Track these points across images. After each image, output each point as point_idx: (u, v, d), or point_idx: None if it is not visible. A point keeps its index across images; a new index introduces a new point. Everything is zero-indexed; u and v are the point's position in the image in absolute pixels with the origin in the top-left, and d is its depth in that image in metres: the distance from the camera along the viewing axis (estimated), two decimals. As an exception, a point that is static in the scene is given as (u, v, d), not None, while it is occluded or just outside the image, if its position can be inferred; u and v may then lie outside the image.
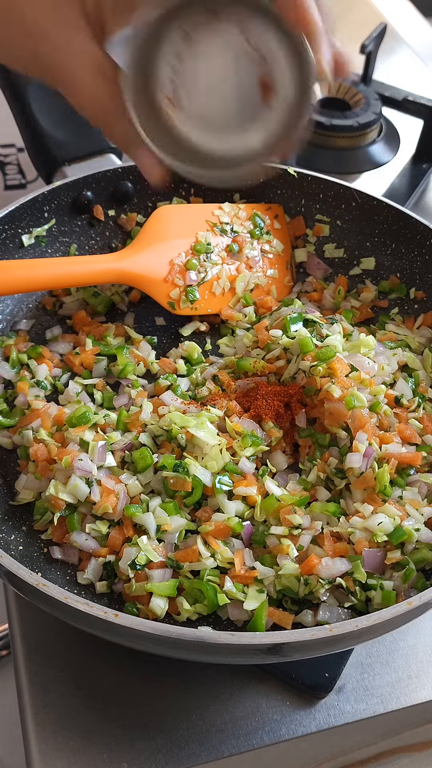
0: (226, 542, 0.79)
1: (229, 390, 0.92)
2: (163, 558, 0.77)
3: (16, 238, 1.01)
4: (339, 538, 0.80)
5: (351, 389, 0.86)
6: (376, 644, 0.84)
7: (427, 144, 1.36)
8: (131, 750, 0.74)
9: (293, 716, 0.77)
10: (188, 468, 0.80)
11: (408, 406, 0.91)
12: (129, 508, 0.79)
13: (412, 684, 0.81)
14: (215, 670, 0.79)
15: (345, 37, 1.04)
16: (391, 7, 1.90)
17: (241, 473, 0.83)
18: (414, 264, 1.07)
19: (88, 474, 0.80)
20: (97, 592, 0.78)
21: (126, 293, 1.08)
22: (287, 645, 0.63)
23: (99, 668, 0.79)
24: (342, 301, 1.08)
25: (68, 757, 0.74)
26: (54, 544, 0.81)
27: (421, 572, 0.78)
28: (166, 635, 0.61)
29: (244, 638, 0.62)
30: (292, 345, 0.92)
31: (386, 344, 0.98)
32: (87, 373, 0.97)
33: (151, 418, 0.88)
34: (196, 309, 1.05)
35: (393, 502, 0.81)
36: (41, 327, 1.03)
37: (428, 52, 1.78)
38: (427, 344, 1.01)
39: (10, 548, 0.79)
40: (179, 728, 0.76)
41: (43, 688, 0.77)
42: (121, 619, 0.62)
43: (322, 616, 0.75)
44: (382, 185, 1.32)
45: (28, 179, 1.36)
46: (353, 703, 0.79)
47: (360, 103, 1.38)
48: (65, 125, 1.07)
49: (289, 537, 0.79)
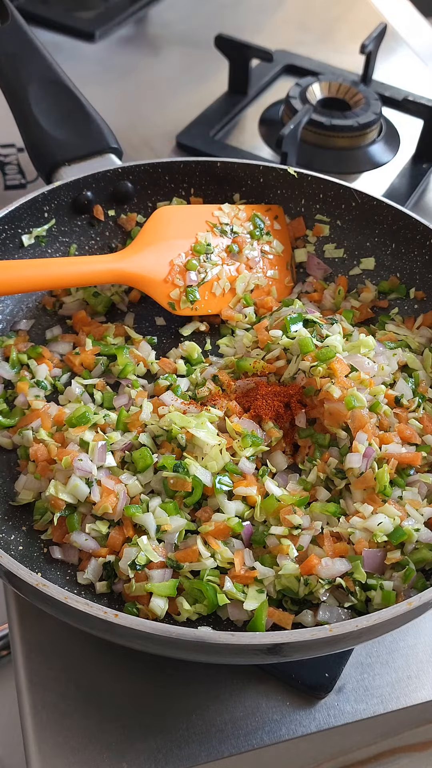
0: (226, 542, 0.79)
1: (229, 390, 0.92)
2: (163, 558, 0.77)
3: (16, 238, 1.01)
4: (339, 538, 0.80)
5: (351, 389, 0.86)
6: (376, 644, 0.84)
7: (427, 144, 1.36)
8: (131, 750, 0.74)
9: (293, 716, 0.77)
10: (188, 468, 0.80)
11: (408, 406, 0.91)
12: (129, 508, 0.79)
13: (412, 684, 0.81)
14: (215, 670, 0.79)
15: (345, 38, 1.04)
16: (391, 7, 1.90)
17: (241, 473, 0.83)
18: (414, 264, 1.07)
19: (88, 474, 0.80)
20: (97, 592, 0.78)
21: (126, 293, 1.08)
22: (287, 645, 0.63)
23: (99, 668, 0.79)
24: (342, 301, 1.08)
25: (68, 757, 0.74)
26: (54, 544, 0.81)
27: (421, 572, 0.78)
28: (166, 635, 0.61)
29: (244, 638, 0.62)
30: (292, 345, 0.92)
31: (386, 344, 0.98)
32: (87, 373, 0.97)
33: (151, 418, 0.88)
34: (197, 309, 1.05)
35: (393, 503, 0.81)
36: (41, 327, 1.03)
37: (428, 52, 1.77)
38: (427, 344, 1.01)
39: (10, 548, 0.79)
40: (179, 728, 0.76)
41: (43, 688, 0.77)
42: (121, 619, 0.62)
43: (322, 616, 0.75)
44: (382, 185, 1.32)
45: (28, 179, 1.36)
46: (353, 703, 0.79)
47: (360, 103, 1.38)
48: (65, 125, 1.07)
49: (289, 537, 0.79)
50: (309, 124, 1.32)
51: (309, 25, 1.78)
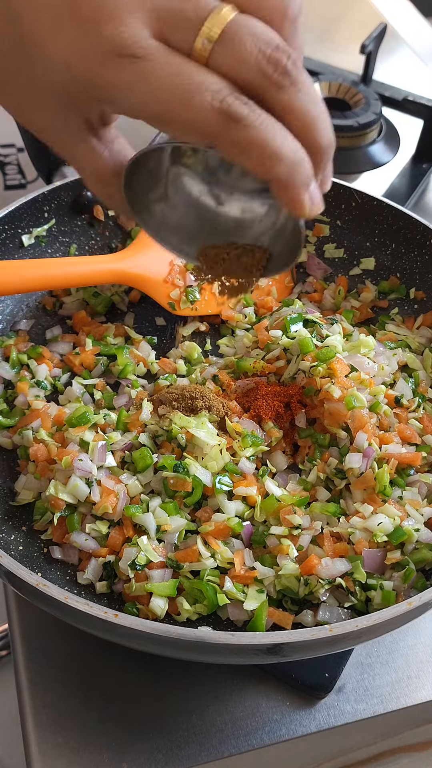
0: (226, 542, 0.79)
1: (229, 390, 0.92)
2: (163, 558, 0.77)
3: (16, 238, 1.01)
4: (339, 539, 0.80)
5: (351, 389, 0.86)
6: (376, 644, 0.84)
7: (427, 144, 1.36)
8: (131, 750, 0.74)
9: (293, 716, 0.77)
10: (188, 468, 0.80)
11: (408, 406, 0.91)
12: (129, 508, 0.79)
13: (412, 684, 0.81)
14: (215, 670, 0.79)
15: (345, 38, 1.04)
16: (391, 7, 1.90)
17: (241, 473, 0.83)
18: (414, 264, 1.07)
19: (88, 474, 0.80)
20: (97, 592, 0.78)
21: (126, 293, 1.08)
22: (287, 645, 0.63)
23: (99, 668, 0.79)
24: (342, 302, 1.08)
25: (68, 757, 0.74)
26: (54, 544, 0.81)
27: (421, 572, 0.78)
28: (166, 635, 0.61)
29: (244, 638, 0.62)
30: (292, 345, 0.92)
31: (386, 344, 0.98)
32: (87, 373, 0.97)
33: (151, 418, 0.88)
34: (197, 309, 1.05)
35: (393, 503, 0.81)
36: (41, 327, 1.03)
37: (428, 52, 1.77)
38: (427, 344, 1.01)
39: (10, 548, 0.79)
40: (179, 728, 0.76)
41: (43, 688, 0.77)
42: (121, 619, 0.62)
43: (322, 616, 0.75)
44: (382, 185, 1.32)
45: (28, 179, 1.36)
46: (353, 703, 0.79)
47: (360, 103, 1.38)
48: (65, 125, 1.07)
49: (289, 537, 0.79)
50: (309, 124, 1.32)
51: (309, 25, 1.77)
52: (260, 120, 0.49)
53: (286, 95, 0.50)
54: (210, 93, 0.48)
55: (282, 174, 0.51)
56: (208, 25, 0.49)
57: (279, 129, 0.50)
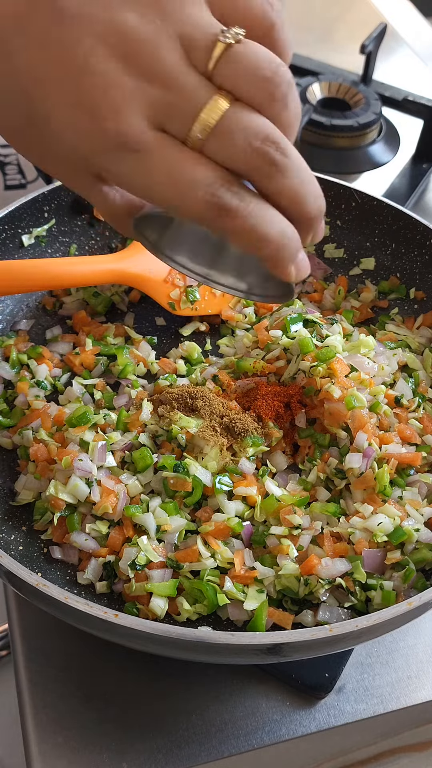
0: (226, 542, 0.79)
1: (229, 390, 0.92)
2: (163, 558, 0.77)
3: (16, 238, 1.01)
4: (339, 539, 0.80)
5: (351, 389, 0.86)
6: (376, 644, 0.84)
7: (427, 144, 1.36)
8: (131, 750, 0.74)
9: (293, 716, 0.77)
10: (188, 468, 0.80)
11: (408, 406, 0.91)
12: (129, 508, 0.79)
13: (412, 684, 0.81)
14: (215, 670, 0.79)
15: (345, 38, 1.04)
16: (391, 7, 1.90)
17: (241, 473, 0.83)
18: (414, 264, 1.07)
19: (88, 474, 0.80)
20: (97, 592, 0.78)
21: (126, 293, 1.08)
22: (287, 645, 0.63)
23: (99, 668, 0.79)
24: (342, 301, 1.08)
25: (68, 757, 0.74)
26: (54, 544, 0.81)
27: (421, 572, 0.78)
28: (166, 635, 0.61)
29: (244, 638, 0.62)
30: (292, 345, 0.92)
31: (386, 344, 0.98)
32: (87, 373, 0.97)
33: (151, 418, 0.88)
34: (197, 309, 1.05)
35: (393, 503, 0.81)
36: (41, 327, 1.03)
37: (428, 52, 1.78)
38: (427, 344, 1.01)
39: (10, 548, 0.79)
40: (179, 728, 0.76)
41: (43, 688, 0.77)
42: (121, 619, 0.62)
43: (322, 616, 0.75)
44: (382, 185, 1.32)
45: (28, 179, 1.36)
46: (353, 703, 0.79)
47: (360, 103, 1.38)
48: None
49: (289, 537, 0.79)
50: (309, 124, 1.32)
51: (309, 25, 1.78)
52: (248, 209, 0.53)
53: (274, 182, 0.54)
54: (203, 188, 0.52)
55: (270, 254, 0.55)
56: (203, 117, 0.52)
57: (267, 214, 0.54)
